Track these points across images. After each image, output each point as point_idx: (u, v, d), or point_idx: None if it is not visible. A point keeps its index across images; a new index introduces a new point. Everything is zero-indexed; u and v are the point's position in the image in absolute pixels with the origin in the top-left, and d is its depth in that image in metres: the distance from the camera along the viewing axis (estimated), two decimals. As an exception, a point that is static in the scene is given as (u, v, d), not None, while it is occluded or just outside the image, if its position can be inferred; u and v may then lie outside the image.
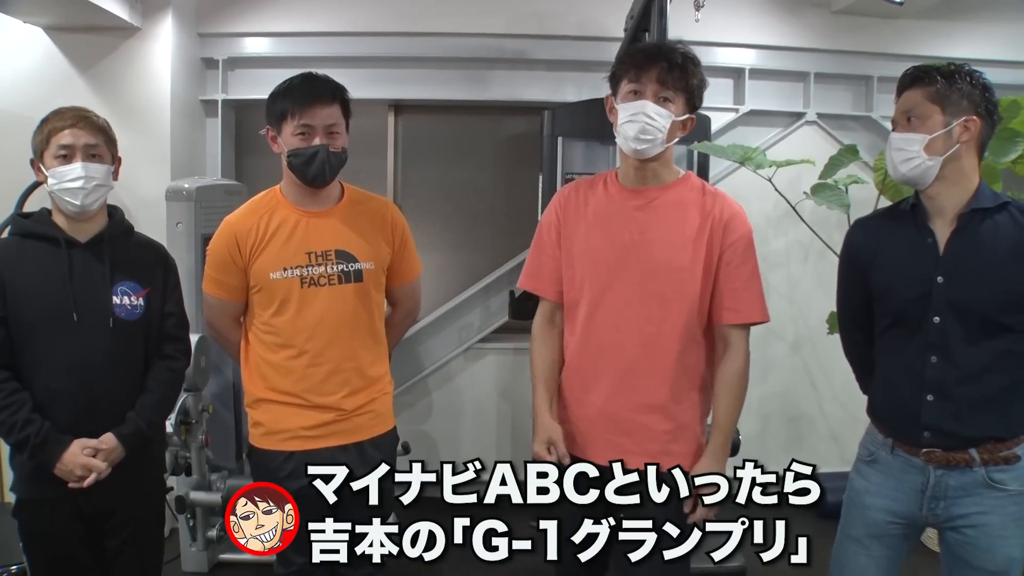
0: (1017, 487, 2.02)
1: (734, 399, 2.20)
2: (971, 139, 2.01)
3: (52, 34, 4.01)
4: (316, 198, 2.44)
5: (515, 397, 4.62)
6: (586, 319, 2.23)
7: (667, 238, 2.17)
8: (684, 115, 2.14)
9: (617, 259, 2.18)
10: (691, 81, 2.13)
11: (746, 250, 2.19)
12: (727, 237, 2.17)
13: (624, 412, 2.19)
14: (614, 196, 2.25)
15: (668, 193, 2.21)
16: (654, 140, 2.11)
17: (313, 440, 2.40)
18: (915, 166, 2.02)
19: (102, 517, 2.32)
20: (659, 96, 2.11)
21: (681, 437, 2.20)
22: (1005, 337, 2.00)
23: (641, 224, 2.19)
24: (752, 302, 2.18)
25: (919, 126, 2.02)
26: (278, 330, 2.40)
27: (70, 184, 2.21)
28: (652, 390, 2.18)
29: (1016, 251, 1.98)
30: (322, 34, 4.39)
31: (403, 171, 4.77)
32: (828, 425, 4.70)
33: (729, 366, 2.19)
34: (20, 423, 2.16)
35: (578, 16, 4.40)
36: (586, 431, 2.24)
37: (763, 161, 4.04)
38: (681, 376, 2.19)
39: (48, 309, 2.21)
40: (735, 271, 2.17)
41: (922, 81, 2.03)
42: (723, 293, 2.17)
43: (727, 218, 2.17)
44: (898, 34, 4.56)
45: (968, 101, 2.00)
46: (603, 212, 2.24)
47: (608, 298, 2.19)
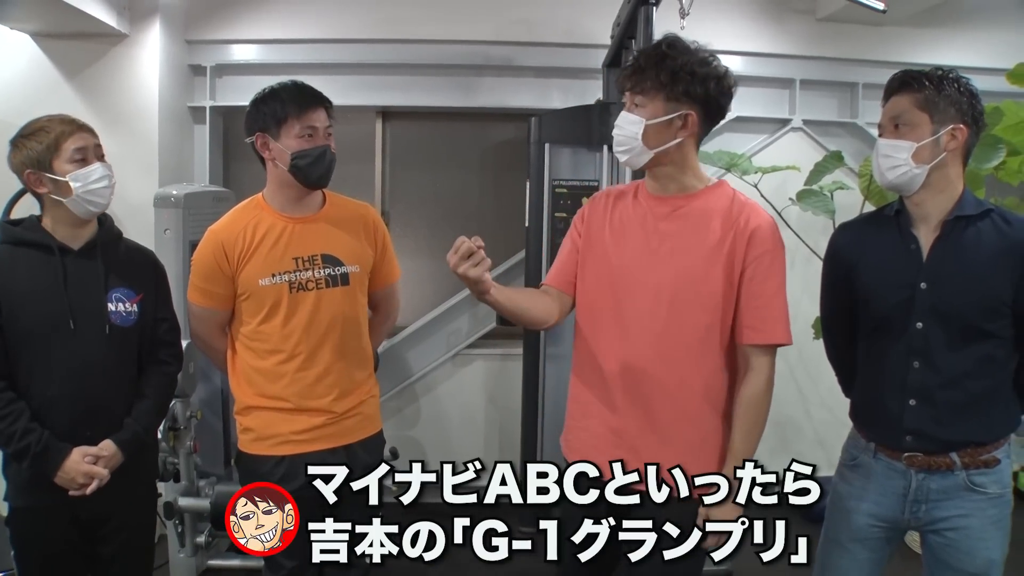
0: (997, 490, 2.05)
1: (752, 425, 2.05)
2: (958, 147, 2.01)
3: (40, 41, 4.01)
4: (301, 204, 2.46)
5: (503, 403, 4.62)
6: (598, 330, 2.13)
7: (686, 248, 2.04)
8: (667, 115, 1.99)
9: (633, 270, 2.07)
10: (660, 77, 1.97)
11: (771, 265, 2.03)
12: (751, 250, 2.02)
13: (633, 430, 2.07)
14: (641, 204, 2.13)
15: (695, 202, 2.08)
16: (630, 148, 2.02)
17: (303, 444, 2.41)
18: (902, 173, 2.02)
19: (97, 524, 2.33)
20: (633, 103, 2.03)
21: (697, 458, 2.05)
22: (986, 343, 2.02)
23: (663, 234, 2.07)
24: (774, 321, 2.02)
25: (907, 133, 2.01)
26: (267, 336, 2.40)
27: (95, 184, 2.23)
28: (664, 409, 2.05)
29: (997, 258, 2.00)
30: (310, 41, 4.40)
31: (391, 177, 4.78)
32: (814, 430, 4.72)
33: (747, 389, 2.04)
34: (19, 432, 2.16)
35: (565, 23, 4.43)
36: (590, 444, 2.13)
37: (749, 167, 4.08)
38: (698, 395, 2.06)
39: (45, 317, 2.21)
40: (758, 287, 2.02)
41: (911, 87, 2.03)
42: (744, 310, 2.03)
43: (752, 229, 2.02)
44: (883, 41, 4.59)
45: (956, 109, 2.00)
46: (627, 220, 2.13)
47: (621, 309, 2.08)
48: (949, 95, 2.00)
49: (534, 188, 3.95)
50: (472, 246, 1.86)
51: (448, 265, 1.88)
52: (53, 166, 2.21)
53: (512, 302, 2.09)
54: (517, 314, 2.11)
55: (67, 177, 2.20)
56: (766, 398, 2.06)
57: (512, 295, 2.11)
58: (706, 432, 2.09)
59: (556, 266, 2.25)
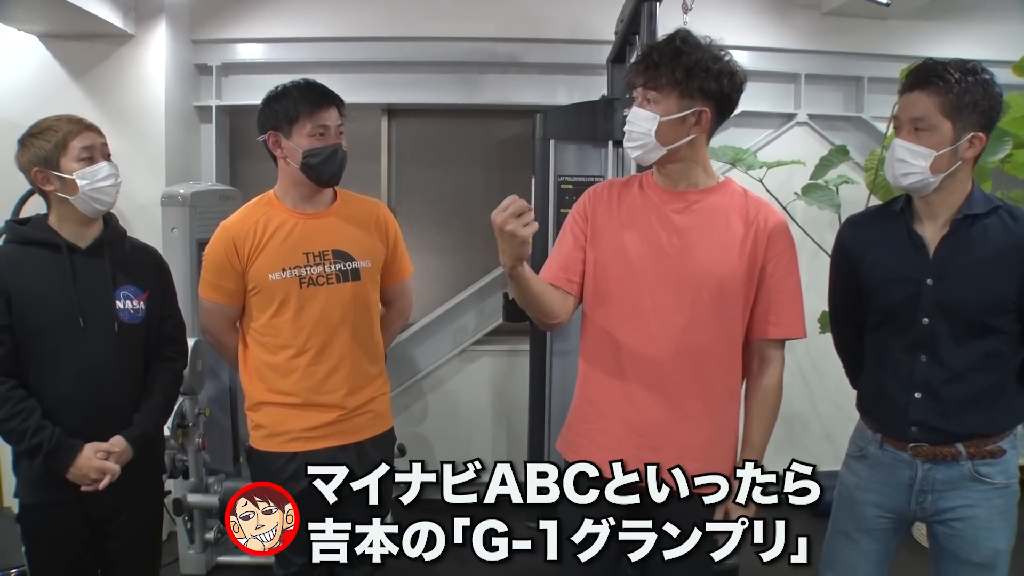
0: (1002, 480, 2.05)
1: (769, 416, 2.10)
2: (974, 155, 1.98)
3: (47, 42, 4.03)
4: (312, 201, 2.47)
5: (510, 399, 4.64)
6: (614, 325, 2.08)
7: (710, 244, 2.03)
8: (681, 111, 1.97)
9: (653, 264, 2.04)
10: (676, 74, 1.95)
11: (791, 262, 2.07)
12: (772, 247, 2.05)
13: (655, 428, 2.05)
14: (651, 196, 2.10)
15: (709, 198, 2.07)
16: (643, 144, 2.00)
17: (314, 441, 2.43)
18: (915, 180, 1.98)
19: (107, 519, 2.34)
20: (646, 98, 2.00)
21: (719, 452, 2.09)
22: (992, 338, 2.02)
23: (680, 228, 2.04)
24: (795, 316, 2.07)
25: (927, 139, 1.94)
26: (278, 331, 2.42)
27: (102, 183, 2.24)
28: (686, 405, 2.04)
29: (1004, 255, 1.99)
30: (316, 39, 4.42)
31: (397, 175, 4.79)
32: (822, 424, 4.72)
33: (766, 381, 2.09)
34: (31, 430, 2.17)
35: (569, 20, 4.43)
36: (607, 445, 2.07)
37: (754, 162, 4.07)
38: (720, 389, 2.07)
39: (54, 315, 2.22)
40: (779, 283, 2.05)
41: (936, 87, 1.93)
42: (766, 306, 2.05)
43: (772, 227, 2.05)
44: (888, 35, 4.58)
45: (979, 114, 1.93)
46: (638, 212, 2.09)
47: (641, 304, 2.04)
48: (975, 100, 1.92)
49: (539, 184, 3.95)
50: (523, 205, 1.77)
51: (494, 223, 1.77)
52: (60, 164, 2.22)
53: (539, 284, 2.03)
54: (539, 298, 2.02)
55: (74, 175, 2.21)
56: (781, 390, 2.11)
57: (539, 278, 2.05)
58: (725, 425, 2.11)
59: (557, 262, 2.15)
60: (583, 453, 2.08)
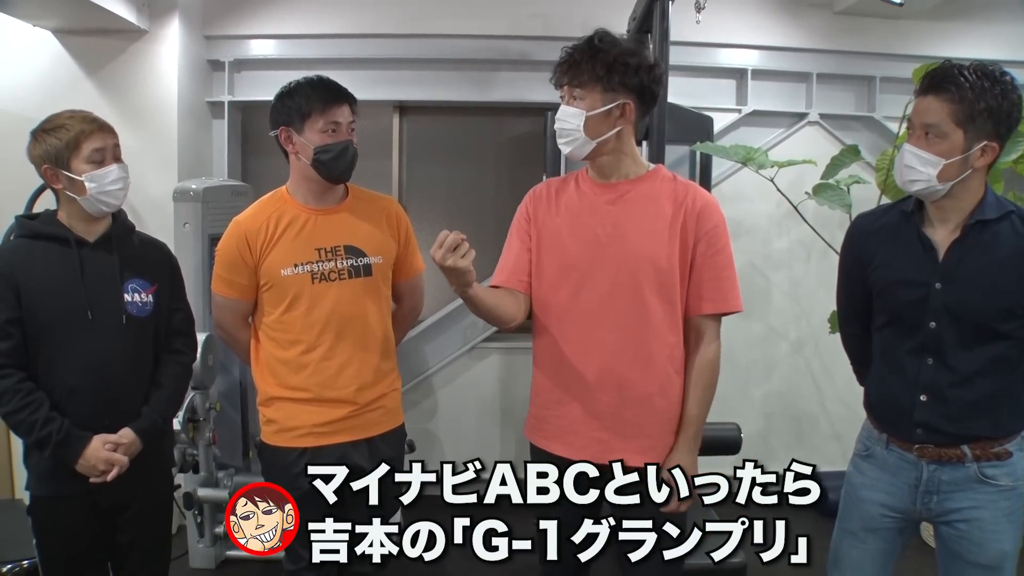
0: (1008, 482, 2.04)
1: (705, 389, 2.18)
2: (987, 163, 1.95)
3: (61, 37, 4.05)
4: (324, 197, 2.48)
5: (520, 396, 4.63)
6: (560, 318, 2.20)
7: (641, 230, 2.13)
8: (604, 106, 2.07)
9: (590, 255, 2.15)
10: (597, 70, 2.05)
11: (721, 238, 2.15)
12: (702, 225, 2.13)
13: (610, 410, 2.15)
14: (585, 192, 2.22)
15: (640, 186, 2.17)
16: (573, 139, 2.11)
17: (326, 436, 2.44)
18: (922, 188, 1.97)
19: (116, 511, 2.36)
20: (572, 96, 2.10)
21: (671, 424, 2.18)
22: (1000, 343, 2.01)
23: (614, 218, 2.15)
24: (729, 291, 2.16)
25: (936, 145, 1.92)
26: (290, 326, 2.43)
27: (111, 186, 2.25)
28: (637, 386, 2.14)
29: (1013, 261, 1.97)
30: (327, 36, 4.43)
31: (408, 172, 4.80)
32: (831, 424, 4.72)
33: (703, 356, 2.17)
34: (40, 421, 2.19)
35: (581, 17, 4.41)
36: (568, 429, 2.20)
37: (765, 161, 4.06)
38: (666, 368, 2.15)
39: (63, 309, 2.24)
40: (711, 260, 2.14)
41: (949, 93, 1.89)
42: (700, 283, 2.14)
43: (700, 206, 2.14)
44: (900, 34, 4.57)
45: (993, 122, 1.89)
46: (574, 207, 2.21)
47: (583, 295, 2.15)
48: (990, 107, 1.88)
49: (550, 182, 3.96)
50: (457, 238, 1.92)
51: (434, 260, 1.93)
52: (71, 164, 2.23)
53: (491, 298, 2.17)
54: (493, 310, 2.17)
55: (83, 177, 2.22)
56: (718, 364, 2.19)
57: (489, 291, 2.19)
58: (673, 400, 2.19)
59: (507, 265, 2.27)
60: (551, 437, 2.25)
